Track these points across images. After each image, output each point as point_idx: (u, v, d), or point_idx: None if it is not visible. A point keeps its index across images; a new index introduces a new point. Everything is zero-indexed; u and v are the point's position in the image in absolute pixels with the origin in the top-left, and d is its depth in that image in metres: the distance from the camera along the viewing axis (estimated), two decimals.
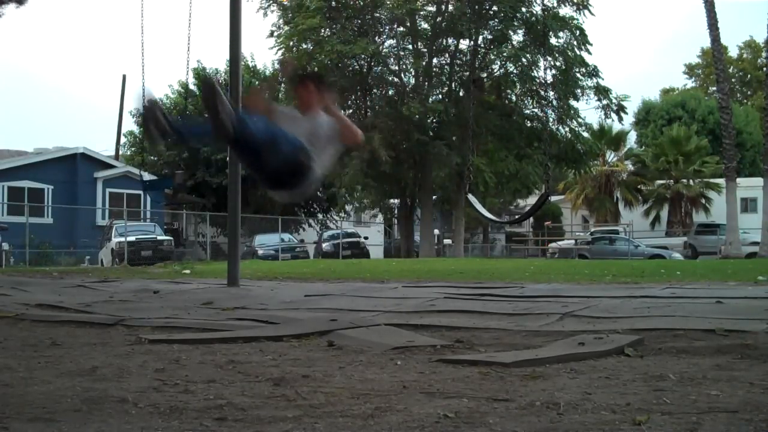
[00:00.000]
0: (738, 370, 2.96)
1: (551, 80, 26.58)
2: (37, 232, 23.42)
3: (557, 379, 2.85)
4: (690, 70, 62.26)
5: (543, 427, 2.10)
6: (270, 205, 34.39)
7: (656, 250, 29.14)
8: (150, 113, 4.23)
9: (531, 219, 43.35)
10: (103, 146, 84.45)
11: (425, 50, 28.79)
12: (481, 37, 28.58)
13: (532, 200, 34.70)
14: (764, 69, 31.81)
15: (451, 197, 30.57)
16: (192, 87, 34.14)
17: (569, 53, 27.50)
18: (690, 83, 61.55)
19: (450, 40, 29.01)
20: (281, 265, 18.27)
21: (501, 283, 8.67)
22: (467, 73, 28.45)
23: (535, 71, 27.48)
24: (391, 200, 34.72)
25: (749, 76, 57.81)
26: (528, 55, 27.46)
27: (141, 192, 29.40)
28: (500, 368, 3.04)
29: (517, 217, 26.48)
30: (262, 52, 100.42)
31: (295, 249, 28.81)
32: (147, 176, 18.45)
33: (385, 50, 29.17)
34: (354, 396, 2.54)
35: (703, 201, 39.49)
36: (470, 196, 11.84)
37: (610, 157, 42.48)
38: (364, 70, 28.84)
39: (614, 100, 28.68)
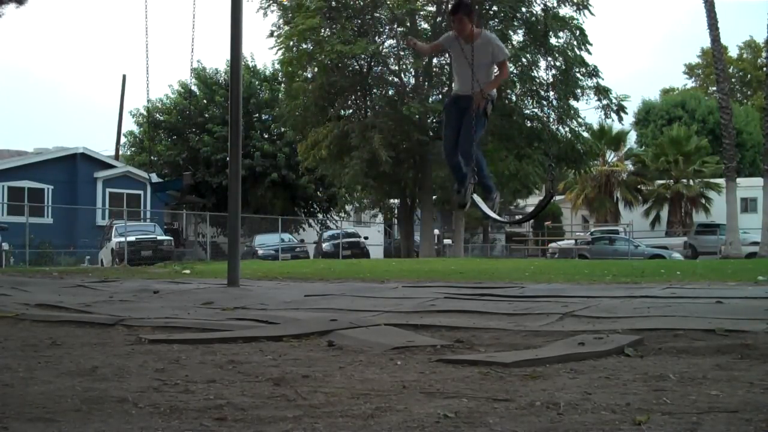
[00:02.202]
0: (738, 370, 2.96)
1: (551, 80, 26.59)
2: (37, 232, 23.44)
3: (557, 379, 2.85)
4: (690, 70, 62.30)
5: (543, 427, 2.10)
6: (270, 205, 34.44)
7: (656, 250, 29.16)
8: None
9: (531, 219, 43.36)
10: (103, 146, 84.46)
11: None
12: None
13: (532, 200, 34.76)
14: (764, 69, 31.82)
15: (451, 197, 30.58)
16: (192, 87, 34.22)
17: (569, 53, 27.49)
18: (690, 83, 61.64)
19: None
20: (281, 265, 18.27)
21: (501, 283, 8.67)
22: None
23: (535, 71, 27.49)
24: (391, 200, 34.73)
25: (749, 76, 57.84)
26: (528, 55, 27.45)
27: (141, 192, 29.46)
28: (500, 368, 3.04)
29: (519, 217, 26.51)
30: (262, 52, 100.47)
31: (295, 249, 28.82)
32: (155, 178, 18.45)
33: (385, 50, 29.17)
34: (354, 396, 2.54)
35: (703, 201, 39.51)
36: (475, 196, 11.83)
37: (610, 157, 42.50)
38: (364, 70, 28.84)
39: (614, 100, 28.68)
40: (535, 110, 28.96)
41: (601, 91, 28.30)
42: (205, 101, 36.21)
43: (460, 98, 5.78)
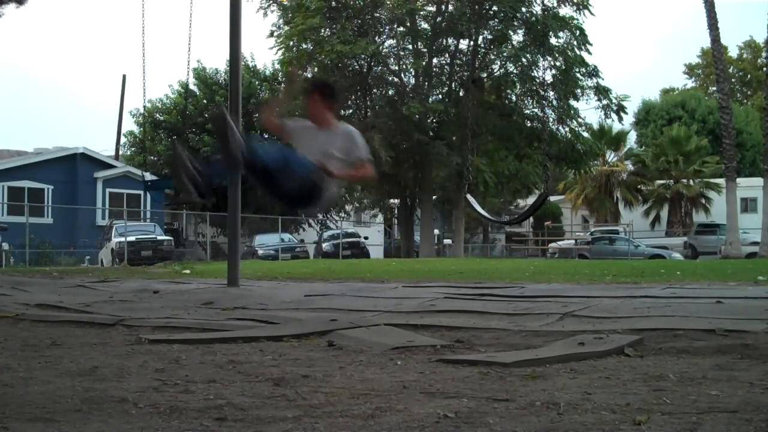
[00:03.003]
0: (738, 370, 2.96)
1: (551, 80, 26.60)
2: (37, 232, 23.43)
3: (557, 379, 2.85)
4: (690, 70, 62.29)
5: (543, 427, 2.10)
6: (270, 205, 34.44)
7: (656, 250, 29.15)
8: (179, 162, 4.43)
9: (531, 219, 43.41)
10: (103, 146, 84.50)
11: (425, 50, 28.80)
12: (481, 37, 28.59)
13: (532, 200, 34.74)
14: (764, 69, 31.81)
15: (451, 197, 30.59)
16: (192, 87, 34.23)
17: (569, 53, 27.50)
18: (690, 83, 61.62)
19: (450, 40, 29.02)
20: (281, 265, 18.27)
21: (501, 283, 8.67)
22: (467, 73, 28.45)
23: (535, 71, 27.51)
24: (391, 200, 34.74)
25: (749, 76, 57.83)
26: (528, 55, 27.47)
27: (141, 192, 29.45)
28: (500, 368, 3.04)
29: (515, 217, 26.51)
30: (262, 52, 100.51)
31: (295, 249, 28.81)
32: (148, 176, 18.47)
33: (385, 50, 29.18)
34: (354, 396, 2.54)
35: (703, 201, 39.50)
36: (469, 196, 11.88)
37: (610, 157, 42.49)
38: (364, 70, 28.85)
39: (614, 100, 28.70)
40: (535, 110, 28.98)
41: (601, 91, 28.31)
42: (205, 101, 36.20)
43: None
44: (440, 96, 28.72)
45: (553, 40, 27.25)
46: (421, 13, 29.05)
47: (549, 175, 9.01)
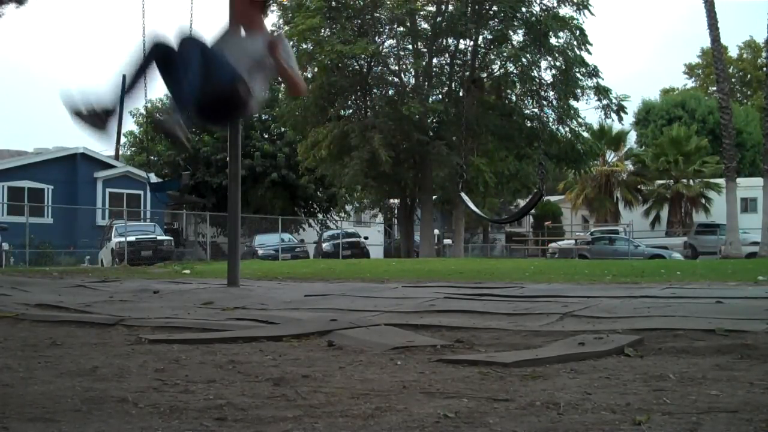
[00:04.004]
0: (738, 370, 2.96)
1: (551, 80, 26.62)
2: (37, 232, 23.44)
3: (557, 379, 2.85)
4: (690, 70, 62.32)
5: (543, 427, 2.10)
6: (270, 205, 34.45)
7: (656, 250, 29.16)
8: (166, 128, 4.15)
9: (531, 219, 43.43)
10: (103, 146, 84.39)
11: (425, 50, 28.81)
12: (481, 37, 28.60)
13: None
14: (764, 69, 31.82)
15: (451, 197, 30.60)
16: None
17: (569, 53, 27.51)
18: (690, 83, 61.67)
19: (450, 40, 29.02)
20: (281, 265, 18.27)
21: (501, 283, 8.67)
22: (467, 73, 28.45)
23: (535, 71, 27.50)
24: (391, 200, 34.75)
25: (749, 76, 57.85)
26: (528, 55, 27.48)
27: (141, 192, 29.47)
28: (500, 368, 3.04)
29: (509, 215, 26.53)
30: None
31: (295, 249, 28.83)
32: (153, 178, 18.51)
33: (385, 50, 29.19)
34: (354, 396, 2.53)
35: (703, 201, 39.53)
36: (463, 195, 11.84)
37: (610, 157, 42.51)
38: (364, 70, 28.85)
39: (614, 100, 28.71)
40: (535, 110, 28.98)
41: (601, 91, 28.32)
42: None
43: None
44: (440, 96, 28.72)
45: (553, 40, 27.27)
46: (421, 13, 29.05)
47: (545, 173, 8.97)
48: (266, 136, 36.15)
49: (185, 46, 3.85)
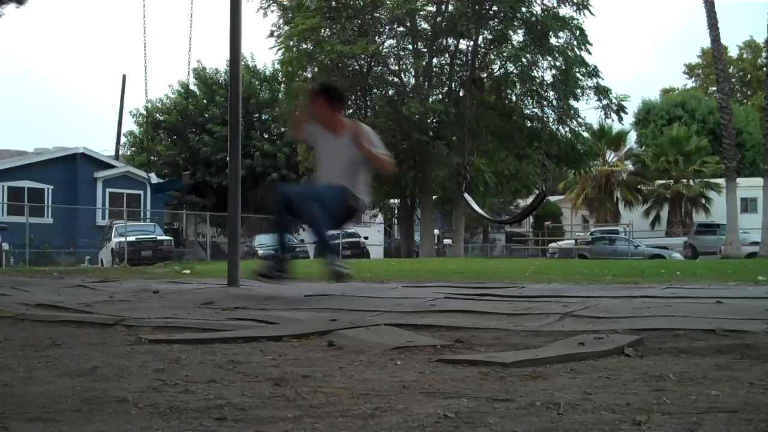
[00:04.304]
0: (738, 370, 2.96)
1: (551, 80, 26.62)
2: (37, 232, 23.46)
3: (557, 379, 2.85)
4: (690, 70, 62.35)
5: (543, 427, 2.10)
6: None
7: (656, 250, 29.18)
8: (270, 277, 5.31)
9: (531, 219, 43.41)
10: (103, 146, 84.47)
11: (425, 50, 28.81)
12: (481, 37, 28.59)
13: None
14: (764, 69, 31.82)
15: (451, 197, 30.60)
16: (192, 87, 34.23)
17: (569, 53, 27.51)
18: (690, 83, 61.71)
19: (450, 40, 29.03)
20: None
21: (501, 283, 8.66)
22: (467, 73, 28.45)
23: (535, 71, 27.51)
24: (391, 200, 34.75)
25: (749, 76, 57.87)
26: (528, 55, 27.48)
27: (141, 192, 29.48)
28: (500, 368, 3.04)
29: (512, 216, 26.54)
30: (262, 52, 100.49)
31: (295, 249, 28.78)
32: (154, 178, 18.53)
33: (385, 50, 29.19)
34: (354, 396, 2.53)
35: (703, 201, 39.54)
36: (466, 195, 11.87)
37: (610, 157, 42.52)
38: (364, 70, 28.85)
39: (614, 100, 28.72)
40: (535, 110, 28.98)
41: (601, 91, 28.33)
42: (205, 101, 36.21)
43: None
44: (440, 96, 28.72)
45: (553, 40, 27.26)
46: (421, 13, 29.05)
47: (547, 174, 9.02)
48: (266, 136, 36.15)
49: (299, 195, 4.93)
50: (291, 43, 28.11)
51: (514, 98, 29.33)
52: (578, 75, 28.01)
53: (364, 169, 5.03)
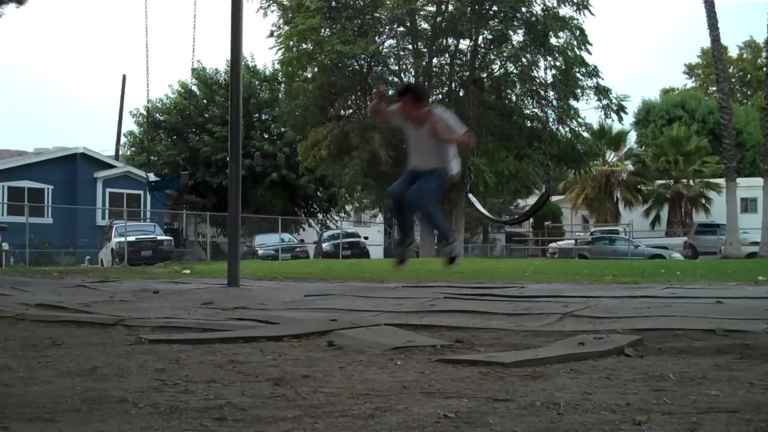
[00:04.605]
0: (738, 370, 2.96)
1: (551, 80, 26.60)
2: (37, 232, 23.44)
3: (557, 379, 2.85)
4: (690, 70, 62.31)
5: (543, 427, 2.10)
6: (270, 205, 34.45)
7: (656, 250, 29.15)
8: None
9: (531, 219, 43.37)
10: (103, 146, 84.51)
11: (425, 50, 28.80)
12: (481, 37, 28.58)
13: (532, 200, 34.80)
14: (764, 69, 31.81)
15: (451, 197, 30.58)
16: (192, 87, 34.23)
17: (569, 53, 27.49)
18: (690, 83, 61.63)
19: (450, 40, 29.01)
20: (281, 265, 18.27)
21: (501, 283, 8.67)
22: (467, 73, 28.45)
23: (535, 71, 27.49)
24: None
25: (749, 76, 57.84)
26: (528, 55, 27.46)
27: (141, 192, 29.48)
28: (500, 368, 3.04)
29: (516, 217, 26.52)
30: (262, 52, 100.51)
31: (295, 249, 28.82)
32: (152, 177, 18.50)
33: (385, 50, 29.17)
34: (354, 396, 2.54)
35: (703, 201, 39.51)
36: (470, 196, 11.86)
37: (610, 157, 42.49)
38: (364, 70, 28.84)
39: (614, 100, 28.68)
40: (535, 110, 28.96)
41: (601, 91, 28.30)
42: (205, 101, 36.20)
43: (416, 172, 5.70)
44: (440, 96, 28.71)
45: (553, 40, 27.23)
46: (421, 13, 29.03)
47: (550, 174, 9.03)
48: (266, 136, 36.14)
49: (410, 196, 5.58)
50: (291, 43, 28.09)
51: (514, 98, 29.32)
52: (578, 75, 27.99)
53: (450, 147, 5.63)
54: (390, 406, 2.37)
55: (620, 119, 30.27)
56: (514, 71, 28.05)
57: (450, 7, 28.55)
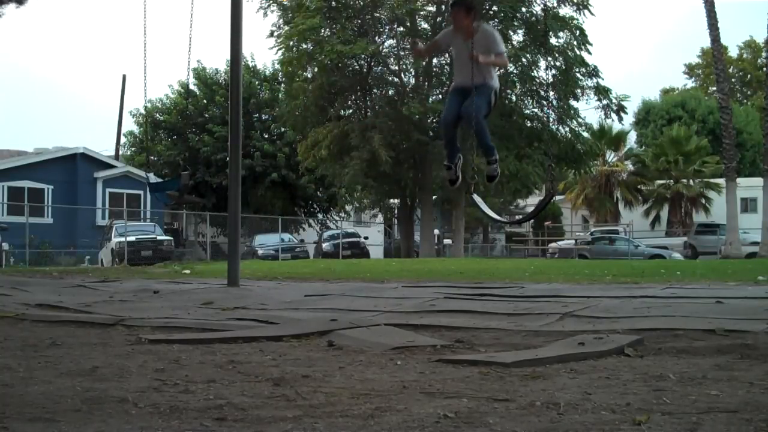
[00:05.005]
0: (738, 370, 2.96)
1: (551, 80, 26.59)
2: (37, 232, 23.44)
3: (557, 379, 2.85)
4: (690, 70, 62.29)
5: (543, 427, 2.10)
6: (270, 205, 34.45)
7: (656, 250, 29.15)
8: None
9: (531, 219, 43.34)
10: (103, 146, 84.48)
11: None
12: None
13: (532, 200, 34.82)
14: (764, 69, 31.82)
15: (451, 197, 30.58)
16: (192, 87, 34.23)
17: (569, 53, 27.50)
18: (690, 83, 61.61)
19: None
20: (281, 265, 18.27)
21: (501, 283, 8.67)
22: None
23: (535, 71, 27.49)
24: (391, 200, 34.73)
25: (749, 76, 57.83)
26: (528, 55, 27.46)
27: (141, 192, 29.49)
28: (500, 368, 3.04)
29: (518, 217, 26.51)
30: (262, 52, 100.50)
31: (295, 249, 28.83)
32: (153, 178, 18.49)
33: (385, 50, 29.17)
34: (354, 396, 2.54)
35: (703, 201, 39.50)
36: (475, 196, 11.84)
37: (610, 157, 42.48)
38: (364, 70, 28.84)
39: (614, 100, 28.69)
40: (535, 110, 28.96)
41: (601, 91, 28.30)
42: (205, 101, 36.19)
43: (461, 89, 5.90)
44: (440, 96, 28.70)
45: (553, 40, 27.24)
46: (421, 13, 29.04)
47: (554, 174, 9.03)
48: (266, 136, 36.13)
49: (464, 113, 5.74)
50: (291, 43, 28.10)
51: (514, 98, 29.33)
52: (578, 75, 28.00)
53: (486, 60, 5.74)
54: (390, 406, 2.37)
55: (620, 119, 30.30)
56: (514, 71, 28.05)
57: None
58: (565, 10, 27.82)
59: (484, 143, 5.95)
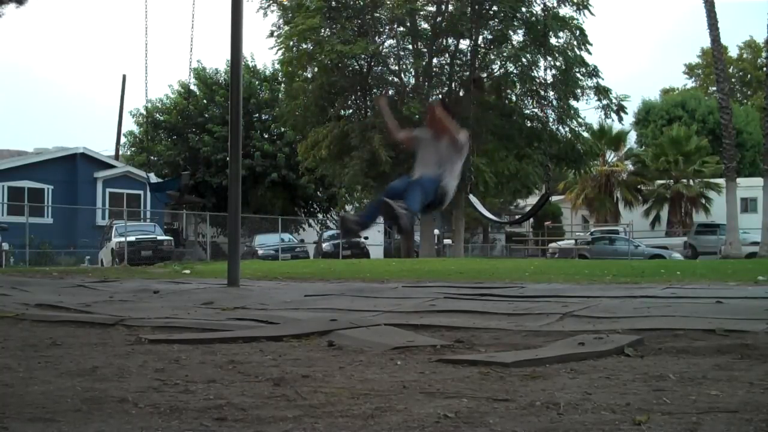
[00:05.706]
0: (738, 370, 2.96)
1: (551, 80, 26.59)
2: (37, 232, 23.43)
3: (557, 379, 2.85)
4: (690, 70, 62.27)
5: (543, 427, 2.10)
6: (270, 205, 34.45)
7: (656, 250, 29.14)
8: (346, 227, 5.52)
9: (531, 219, 43.38)
10: (103, 146, 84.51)
11: (425, 50, 28.80)
12: (481, 37, 28.58)
13: (532, 200, 34.77)
14: (764, 69, 31.81)
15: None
16: (192, 87, 34.23)
17: (569, 53, 27.49)
18: (690, 83, 61.59)
19: (450, 40, 29.00)
20: (281, 265, 18.27)
21: (501, 283, 8.67)
22: (467, 73, 28.45)
23: (535, 71, 27.48)
24: None
25: (749, 76, 57.82)
26: (528, 55, 27.46)
27: (141, 192, 29.50)
28: (500, 368, 3.04)
29: (517, 217, 26.52)
30: (262, 52, 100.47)
31: (295, 249, 28.82)
32: (153, 178, 18.51)
33: (385, 50, 29.17)
34: (354, 396, 2.54)
35: (703, 201, 39.49)
36: (471, 197, 11.86)
37: (610, 157, 42.48)
38: (364, 70, 28.84)
39: (614, 100, 28.67)
40: (535, 110, 28.95)
41: (601, 91, 28.29)
42: (205, 101, 36.20)
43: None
44: (440, 96, 28.70)
45: (553, 40, 27.23)
46: (421, 13, 29.02)
47: (551, 175, 9.04)
48: (266, 136, 36.13)
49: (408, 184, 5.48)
50: (291, 43, 28.09)
51: (514, 98, 29.31)
52: (578, 75, 27.99)
53: (456, 166, 5.66)
54: (390, 406, 2.37)
55: (620, 119, 30.27)
56: (514, 71, 28.04)
57: (450, 7, 28.55)
58: (565, 10, 27.82)
59: (405, 204, 5.43)
